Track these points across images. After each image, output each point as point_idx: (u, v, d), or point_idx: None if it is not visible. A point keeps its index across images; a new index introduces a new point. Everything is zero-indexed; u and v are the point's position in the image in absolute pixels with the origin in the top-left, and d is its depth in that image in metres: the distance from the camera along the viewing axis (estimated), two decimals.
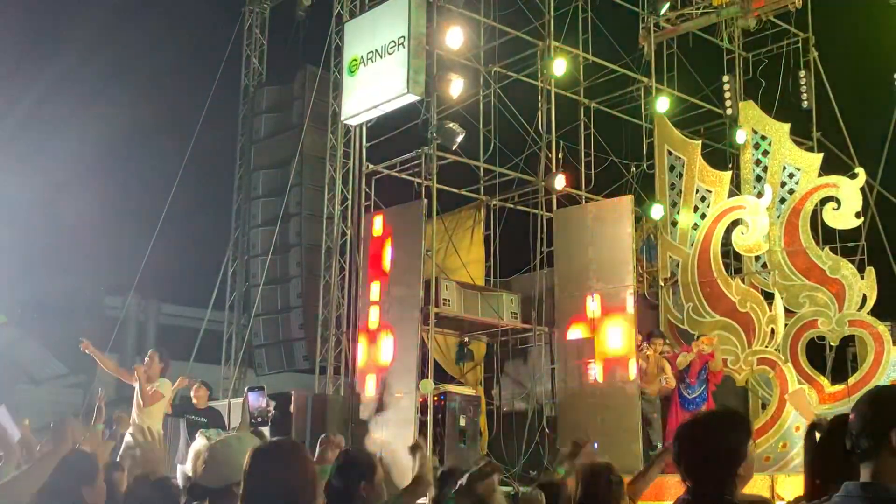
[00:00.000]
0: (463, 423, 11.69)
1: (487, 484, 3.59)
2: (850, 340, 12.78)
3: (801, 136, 14.81)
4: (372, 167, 13.10)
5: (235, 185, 16.55)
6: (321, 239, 14.26)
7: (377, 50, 12.29)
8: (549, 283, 12.96)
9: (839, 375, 12.49)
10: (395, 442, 11.15)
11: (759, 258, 13.30)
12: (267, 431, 9.59)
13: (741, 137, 13.94)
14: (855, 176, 12.43)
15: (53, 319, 20.81)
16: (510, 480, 10.91)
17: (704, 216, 13.18)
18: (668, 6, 15.32)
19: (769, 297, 12.42)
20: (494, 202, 14.32)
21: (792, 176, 13.17)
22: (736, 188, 13.79)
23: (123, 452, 7.59)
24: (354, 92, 12.70)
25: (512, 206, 14.39)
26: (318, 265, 14.26)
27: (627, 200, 12.70)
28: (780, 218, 12.83)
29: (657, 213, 13.59)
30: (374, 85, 12.35)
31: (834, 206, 12.37)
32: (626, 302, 11.97)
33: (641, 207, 14.02)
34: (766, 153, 13.57)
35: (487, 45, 14.40)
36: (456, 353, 13.59)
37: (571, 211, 13.42)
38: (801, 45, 15.81)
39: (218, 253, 16.37)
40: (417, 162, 12.79)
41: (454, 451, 11.23)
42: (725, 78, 15.76)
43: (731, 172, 13.65)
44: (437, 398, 11.60)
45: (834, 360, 12.92)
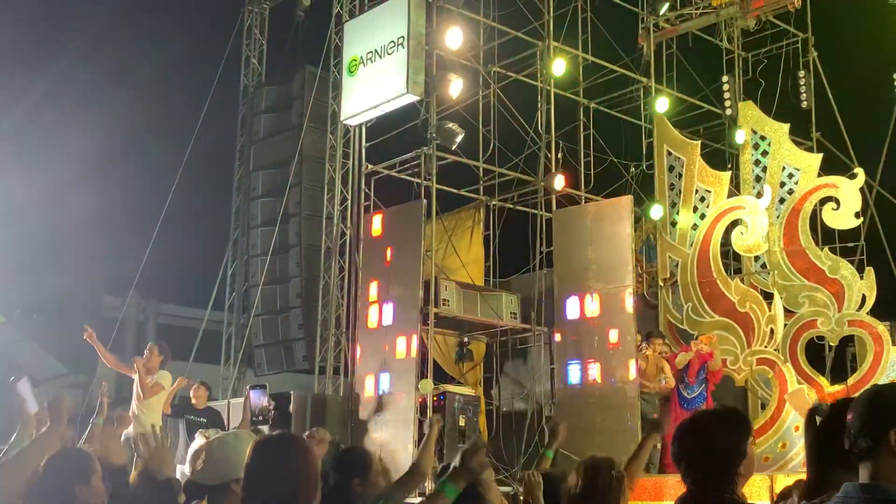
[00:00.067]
0: (462, 423, 11.69)
1: (481, 457, 3.59)
2: (849, 340, 12.78)
3: (800, 136, 14.81)
4: (371, 167, 13.11)
5: (235, 185, 16.53)
6: (321, 239, 14.24)
7: (377, 50, 12.30)
8: (548, 283, 12.96)
9: (838, 375, 12.48)
10: (394, 442, 11.17)
11: (758, 258, 13.30)
12: (266, 430, 9.61)
13: (740, 137, 13.94)
14: (854, 176, 12.42)
15: (53, 319, 20.82)
16: (510, 480, 10.92)
17: (704, 216, 13.18)
18: (667, 6, 15.35)
19: (768, 297, 12.42)
20: (494, 202, 14.32)
21: (791, 176, 13.17)
22: (735, 188, 13.79)
23: (123, 444, 7.59)
24: (354, 92, 12.71)
25: (511, 206, 14.39)
26: (317, 265, 14.24)
27: (627, 200, 12.70)
28: (779, 218, 12.83)
29: (656, 213, 13.59)
30: (373, 85, 12.35)
31: (833, 206, 12.36)
32: (625, 302, 11.98)
33: (641, 208, 14.03)
34: (765, 153, 13.57)
35: (487, 45, 14.40)
36: (455, 353, 13.58)
37: (571, 211, 13.42)
38: (800, 45, 15.81)
39: (217, 253, 16.36)
40: (417, 162, 12.80)
41: (454, 450, 11.22)
42: (725, 78, 15.76)
43: (730, 173, 13.64)
44: (436, 398, 11.61)
45: (833, 360, 12.89)
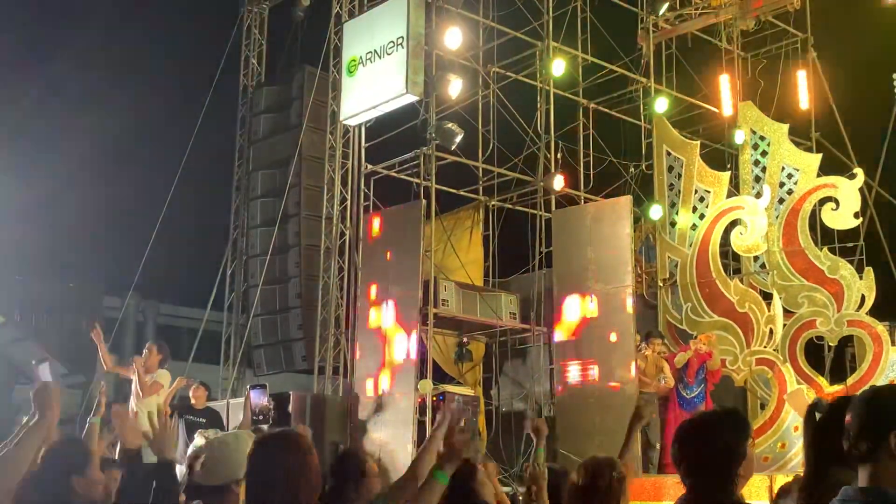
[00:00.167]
0: (462, 423, 11.66)
1: (463, 436, 3.60)
2: (848, 340, 12.77)
3: (799, 136, 14.81)
4: (371, 167, 13.10)
5: (234, 185, 16.51)
6: (320, 239, 14.23)
7: (376, 50, 12.30)
8: (547, 283, 12.95)
9: (838, 376, 12.48)
10: (393, 442, 11.16)
11: (757, 258, 13.30)
12: (266, 429, 9.59)
13: (740, 138, 13.94)
14: (854, 176, 12.43)
15: (52, 319, 20.82)
16: (509, 480, 10.92)
17: (703, 216, 13.17)
18: (666, 7, 15.34)
19: (768, 297, 12.42)
20: (493, 202, 14.32)
21: (790, 176, 13.17)
22: (734, 188, 13.79)
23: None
24: (353, 92, 12.70)
25: (511, 206, 14.39)
26: (316, 265, 14.24)
27: (626, 201, 12.69)
28: (778, 218, 12.83)
29: (656, 213, 13.59)
30: (372, 85, 12.35)
31: (832, 206, 12.37)
32: (624, 302, 11.98)
33: (640, 208, 14.03)
34: (764, 153, 13.56)
35: (486, 45, 14.40)
36: (455, 353, 13.58)
37: (570, 211, 13.42)
38: (799, 45, 15.81)
39: (217, 253, 16.36)
40: (416, 162, 12.80)
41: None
42: (724, 78, 15.75)
43: (729, 173, 13.64)
44: (435, 398, 11.61)
45: (832, 360, 12.89)
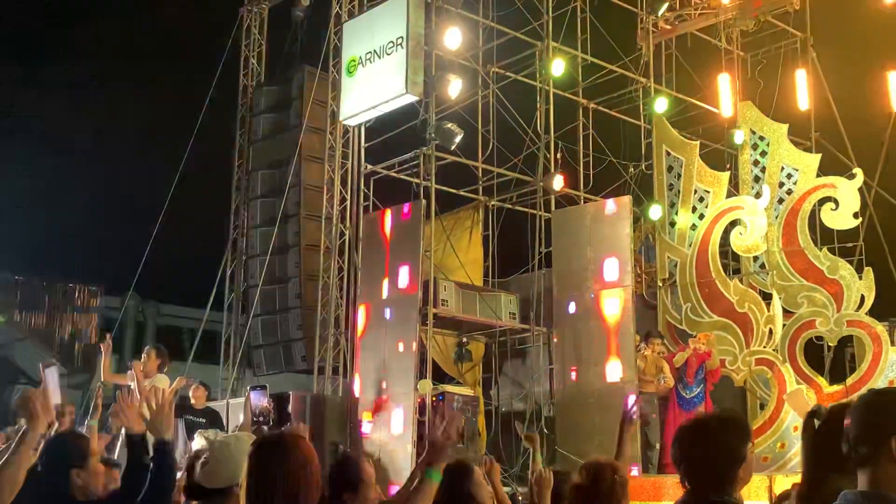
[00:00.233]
0: (461, 423, 11.68)
1: (448, 429, 3.62)
2: (848, 341, 12.77)
3: (799, 136, 14.79)
4: (370, 167, 13.11)
5: (234, 185, 16.51)
6: (320, 239, 14.24)
7: (375, 50, 12.30)
8: (547, 283, 12.95)
9: (837, 376, 12.48)
10: (392, 442, 11.16)
11: (757, 258, 13.29)
12: (267, 430, 9.59)
13: (739, 138, 13.93)
14: (853, 176, 12.43)
15: (51, 319, 20.83)
16: (509, 480, 10.92)
17: (703, 217, 13.17)
18: (666, 7, 15.33)
19: (767, 297, 12.42)
20: (493, 202, 14.32)
21: (790, 176, 13.16)
22: (734, 189, 13.79)
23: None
24: (353, 92, 12.70)
25: (510, 206, 14.39)
26: (316, 266, 14.24)
27: (626, 201, 12.70)
28: (778, 218, 12.83)
29: (655, 213, 13.59)
30: (372, 85, 12.35)
31: (832, 206, 12.37)
32: (624, 302, 11.98)
33: (640, 208, 14.03)
34: (764, 154, 13.56)
35: (486, 45, 14.40)
36: (454, 353, 13.58)
37: (570, 211, 13.42)
38: (799, 45, 15.81)
39: (216, 253, 16.35)
40: (416, 162, 12.80)
41: (453, 451, 11.23)
42: (724, 78, 15.75)
43: (729, 173, 13.63)
44: (435, 398, 11.61)
45: (832, 360, 12.90)
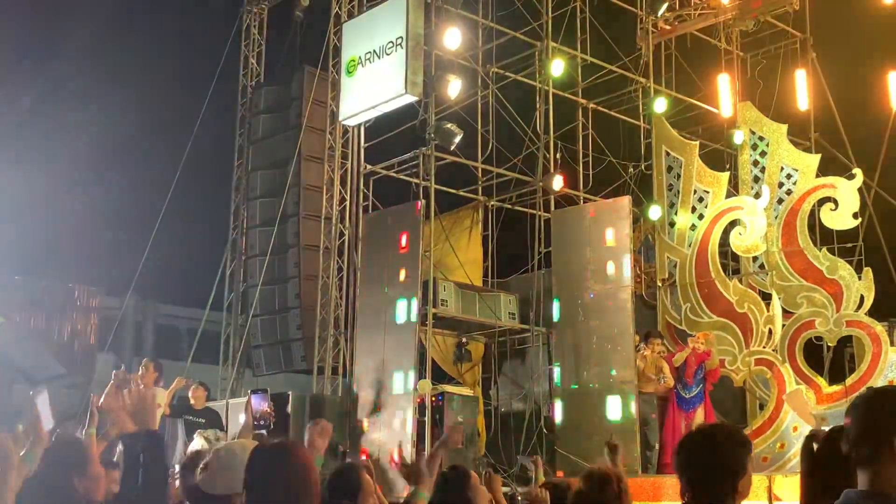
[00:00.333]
0: (460, 419, 11.68)
1: (436, 458, 3.65)
2: (847, 341, 12.77)
3: (798, 136, 14.80)
4: (370, 168, 13.11)
5: (233, 185, 16.51)
6: (319, 239, 14.24)
7: (375, 50, 12.29)
8: (546, 283, 12.96)
9: (837, 376, 12.49)
10: (391, 442, 11.16)
11: (756, 259, 13.29)
12: (265, 435, 9.58)
13: (739, 138, 13.92)
14: (853, 176, 12.43)
15: (51, 319, 20.80)
16: (509, 481, 10.91)
17: (702, 217, 13.17)
18: (665, 7, 15.33)
19: (767, 297, 12.41)
20: (492, 203, 14.33)
21: (789, 177, 13.16)
22: (734, 189, 13.78)
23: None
24: (352, 92, 12.70)
25: (510, 206, 14.40)
26: (316, 266, 14.24)
27: (625, 201, 12.71)
28: (777, 219, 12.82)
29: (655, 213, 13.58)
30: (372, 85, 12.35)
31: (831, 206, 12.37)
32: (623, 303, 11.98)
33: (639, 208, 14.03)
34: (763, 154, 13.56)
35: (485, 45, 14.41)
36: (454, 353, 13.58)
37: (569, 211, 13.43)
38: (798, 45, 15.82)
39: (216, 253, 16.35)
40: (415, 162, 12.81)
41: (452, 451, 11.22)
42: (723, 78, 15.75)
43: (728, 173, 13.62)
44: (434, 398, 11.61)
45: (831, 360, 12.91)
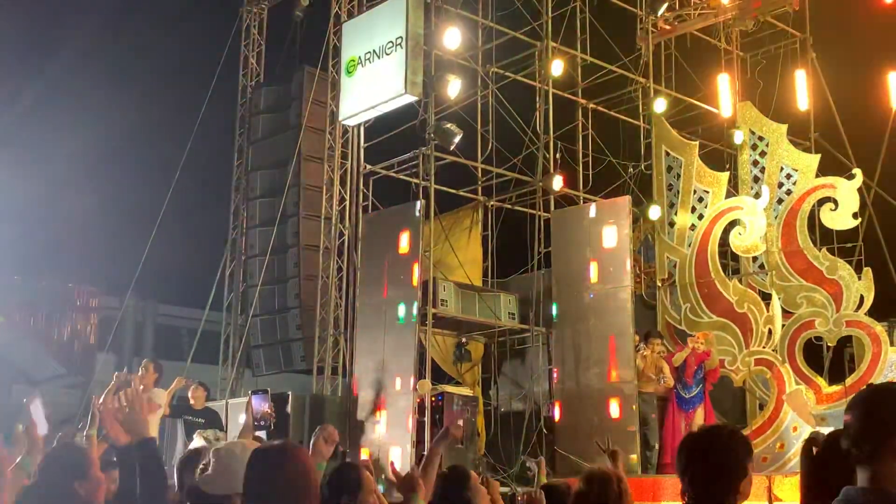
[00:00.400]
0: (460, 423, 11.68)
1: (418, 475, 3.66)
2: (847, 341, 12.77)
3: (798, 136, 14.81)
4: (370, 168, 13.11)
5: (233, 185, 16.51)
6: (319, 239, 14.25)
7: (375, 50, 12.29)
8: (546, 283, 12.96)
9: (837, 376, 12.49)
10: (391, 442, 11.16)
11: (756, 259, 13.29)
12: (264, 436, 9.58)
13: (739, 138, 13.93)
14: (852, 177, 12.43)
15: (51, 319, 20.81)
16: (508, 481, 10.92)
17: (702, 217, 13.16)
18: (665, 7, 15.32)
19: (766, 297, 12.41)
20: (492, 203, 14.33)
21: (789, 177, 13.16)
22: (733, 189, 13.78)
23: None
24: (352, 92, 12.70)
25: (510, 206, 14.40)
26: (315, 266, 14.25)
27: (625, 201, 12.71)
28: (777, 219, 12.83)
29: (655, 213, 13.58)
30: (371, 85, 12.35)
31: (831, 206, 12.37)
32: (623, 303, 11.98)
33: (639, 208, 14.02)
34: (763, 154, 13.56)
35: (485, 45, 14.41)
36: (454, 353, 13.58)
37: (569, 212, 13.43)
38: (798, 45, 15.81)
39: (216, 253, 16.36)
40: (415, 162, 12.80)
41: (452, 451, 11.23)
42: (723, 78, 15.75)
43: (728, 173, 13.62)
44: (434, 398, 11.61)
45: (831, 360, 12.91)
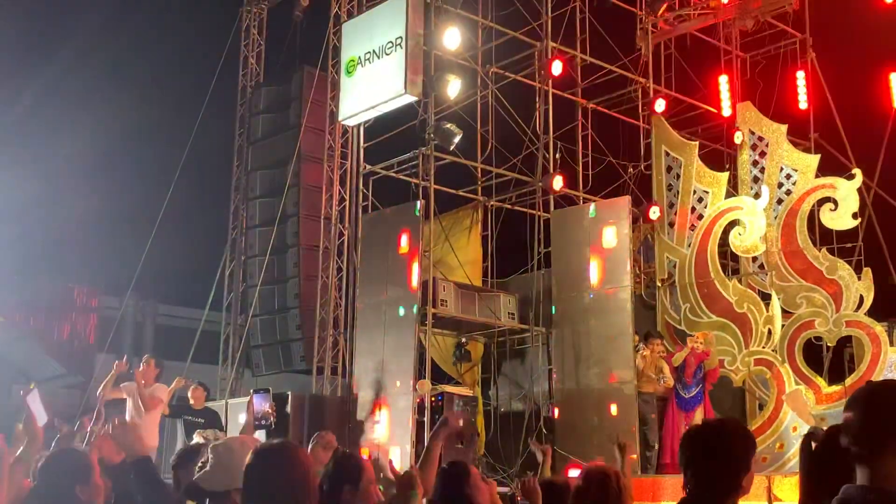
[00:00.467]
0: (460, 423, 11.69)
1: (415, 473, 3.68)
2: (847, 341, 12.77)
3: (798, 136, 14.80)
4: (369, 168, 13.10)
5: (233, 185, 16.53)
6: (319, 239, 14.26)
7: (375, 50, 12.30)
8: (546, 283, 12.96)
9: (836, 376, 12.49)
10: (391, 442, 11.16)
11: (756, 259, 13.28)
12: (263, 433, 9.58)
13: (738, 138, 13.93)
14: (852, 177, 12.43)
15: (50, 319, 20.80)
16: (508, 480, 10.92)
17: (702, 217, 13.17)
18: (665, 7, 15.31)
19: (766, 297, 12.42)
20: (492, 203, 14.32)
21: (789, 177, 13.16)
22: (733, 189, 13.77)
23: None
24: (352, 92, 12.71)
25: (509, 206, 14.39)
26: (315, 266, 14.25)
27: (625, 201, 12.70)
28: (777, 219, 12.82)
29: (654, 213, 13.58)
30: (371, 85, 12.35)
31: (831, 206, 12.37)
32: (623, 303, 11.98)
33: (639, 208, 14.02)
34: (763, 154, 13.56)
35: (485, 45, 14.40)
36: (453, 353, 13.58)
37: (569, 212, 13.42)
38: (798, 45, 15.81)
39: (215, 253, 16.37)
40: (415, 162, 12.80)
41: (452, 451, 11.24)
42: (723, 79, 15.74)
43: (728, 173, 13.61)
44: (434, 398, 11.61)
45: (831, 360, 12.90)
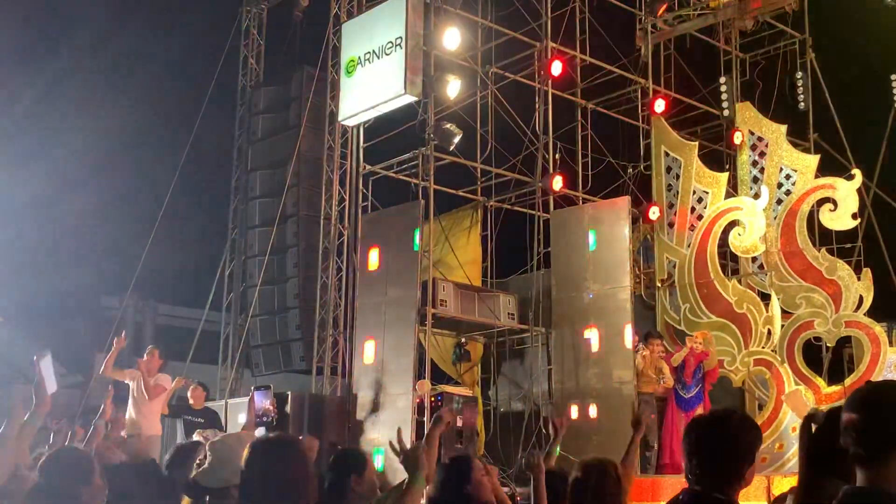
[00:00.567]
0: (460, 423, 11.69)
1: (419, 448, 3.70)
2: (846, 341, 12.78)
3: (797, 137, 14.80)
4: (369, 168, 13.11)
5: (233, 185, 16.53)
6: (318, 240, 14.26)
7: (374, 51, 12.30)
8: (546, 284, 12.96)
9: (836, 376, 12.50)
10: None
11: (755, 259, 13.29)
12: (262, 431, 9.59)
13: (738, 139, 13.94)
14: (852, 177, 12.43)
15: (50, 319, 20.80)
16: (508, 480, 10.92)
17: (701, 217, 13.18)
18: (665, 7, 15.32)
19: (766, 298, 12.43)
20: (491, 203, 14.32)
21: (789, 177, 13.17)
22: (733, 189, 13.79)
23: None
24: (352, 93, 12.71)
25: (509, 206, 14.39)
26: (315, 266, 14.25)
27: (624, 201, 12.71)
28: (776, 219, 12.83)
29: (654, 214, 13.59)
30: (371, 86, 12.36)
31: (831, 207, 12.38)
32: (623, 303, 11.98)
33: (638, 209, 14.03)
34: (762, 154, 13.57)
35: (485, 45, 14.40)
36: (453, 353, 13.58)
37: (568, 212, 13.43)
38: (798, 46, 15.81)
39: (215, 253, 16.37)
40: (414, 163, 12.80)
41: (451, 451, 11.24)
42: (722, 79, 15.73)
43: (727, 174, 13.63)
44: (434, 398, 11.61)
45: (830, 361, 12.92)
